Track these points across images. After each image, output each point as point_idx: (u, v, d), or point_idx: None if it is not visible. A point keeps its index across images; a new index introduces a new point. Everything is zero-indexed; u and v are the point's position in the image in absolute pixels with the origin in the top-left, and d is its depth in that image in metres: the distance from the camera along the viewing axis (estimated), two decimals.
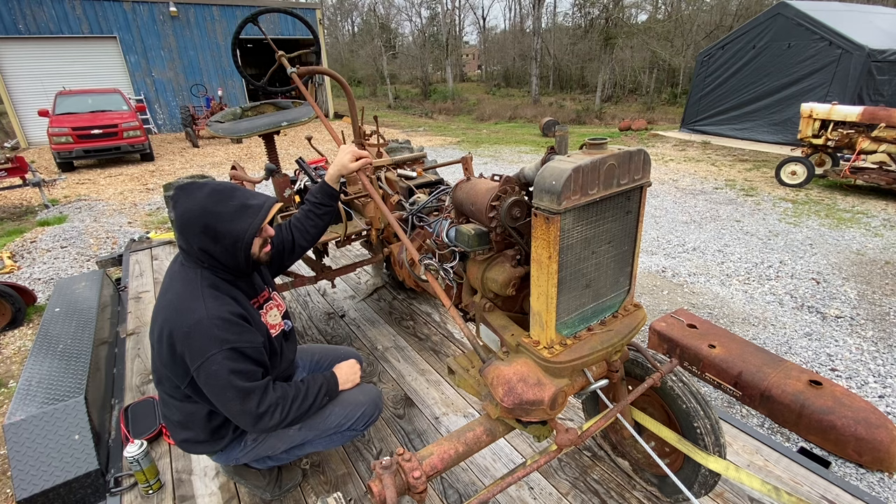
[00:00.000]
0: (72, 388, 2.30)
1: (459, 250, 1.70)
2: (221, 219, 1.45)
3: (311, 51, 3.01)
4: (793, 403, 2.62)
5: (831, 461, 2.47)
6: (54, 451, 2.00)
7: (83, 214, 7.29)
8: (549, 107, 23.47)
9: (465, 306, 1.81)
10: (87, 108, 10.93)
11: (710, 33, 22.87)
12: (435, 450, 1.41)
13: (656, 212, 6.92)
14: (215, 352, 1.36)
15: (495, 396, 1.37)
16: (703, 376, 3.06)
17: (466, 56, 48.96)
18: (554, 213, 1.19)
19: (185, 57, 16.41)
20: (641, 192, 1.40)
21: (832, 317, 3.97)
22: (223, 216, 1.45)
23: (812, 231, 5.96)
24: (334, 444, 1.78)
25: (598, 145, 1.27)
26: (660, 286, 4.62)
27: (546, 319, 1.34)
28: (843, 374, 3.26)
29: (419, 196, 2.28)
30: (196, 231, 1.44)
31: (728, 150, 11.09)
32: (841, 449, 2.48)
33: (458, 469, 2.09)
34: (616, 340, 1.45)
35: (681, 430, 1.68)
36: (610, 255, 1.43)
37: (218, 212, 1.45)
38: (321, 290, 3.93)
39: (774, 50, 10.76)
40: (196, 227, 1.43)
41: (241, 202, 1.50)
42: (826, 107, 7.38)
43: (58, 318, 3.01)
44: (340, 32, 43.85)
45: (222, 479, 2.07)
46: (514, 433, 2.24)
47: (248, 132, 2.72)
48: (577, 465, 2.10)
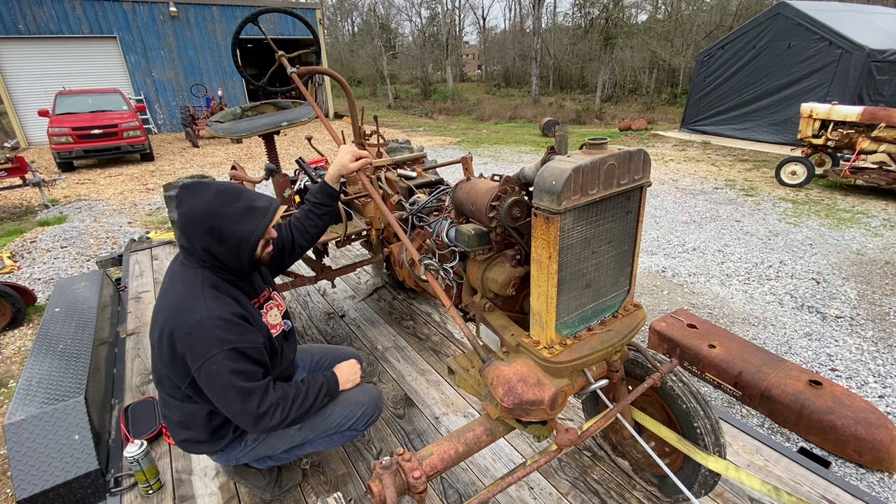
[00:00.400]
0: (72, 388, 2.30)
1: (459, 250, 1.70)
2: (227, 220, 1.45)
3: (311, 51, 3.01)
4: (793, 403, 2.62)
5: (831, 461, 2.47)
6: (54, 451, 2.00)
7: (83, 214, 7.29)
8: (549, 107, 23.47)
9: (465, 306, 1.81)
10: (87, 108, 10.93)
11: (710, 33, 22.88)
12: (435, 450, 1.41)
13: (656, 212, 6.91)
14: (216, 352, 1.36)
15: (495, 396, 1.37)
16: (703, 376, 3.05)
17: (466, 56, 48.96)
18: (554, 213, 1.19)
19: (185, 57, 16.41)
20: (641, 192, 1.40)
21: (832, 317, 3.97)
22: (229, 217, 1.45)
23: (812, 231, 5.96)
24: (335, 444, 1.78)
25: (598, 145, 1.27)
26: (660, 286, 4.62)
27: (546, 319, 1.34)
28: (843, 374, 3.26)
29: (419, 196, 2.28)
30: (201, 231, 1.43)
31: (728, 150, 11.09)
32: (841, 449, 2.48)
33: (458, 469, 2.09)
34: (616, 340, 1.45)
35: (681, 430, 1.68)
36: (610, 255, 1.43)
37: (224, 213, 1.44)
38: (321, 290, 3.92)
39: (774, 50, 10.76)
40: (201, 227, 1.43)
41: (248, 204, 1.49)
42: (826, 107, 7.37)
43: (58, 318, 3.01)
44: (340, 32, 43.86)
45: (222, 479, 2.07)
46: (514, 433, 2.24)
47: (248, 132, 2.72)
48: (577, 465, 2.10)
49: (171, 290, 1.49)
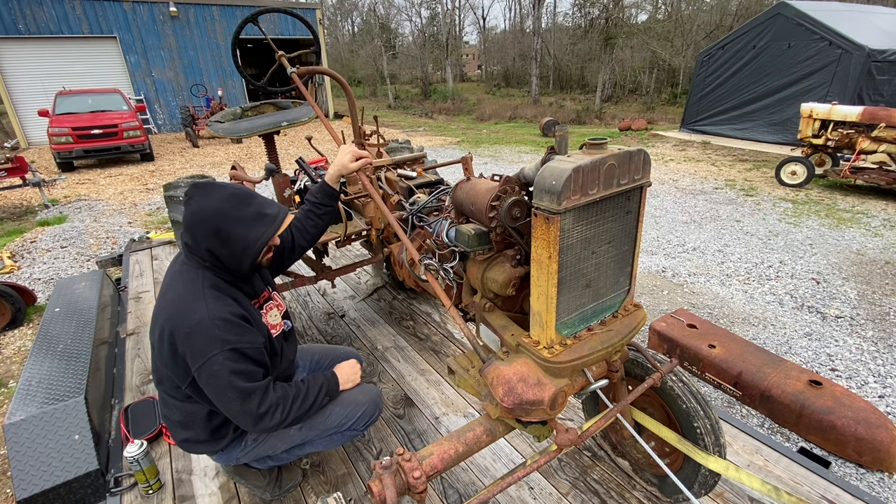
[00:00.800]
0: (72, 388, 2.30)
1: (459, 250, 1.70)
2: (236, 223, 1.45)
3: (311, 51, 3.01)
4: (793, 403, 2.62)
5: (831, 461, 2.47)
6: (54, 451, 2.00)
7: (83, 214, 7.29)
8: (549, 107, 23.48)
9: (465, 306, 1.81)
10: (87, 108, 10.93)
11: (710, 33, 22.88)
12: (435, 450, 1.41)
13: (656, 212, 6.92)
14: (216, 352, 1.36)
15: (495, 396, 1.37)
16: (703, 376, 3.05)
17: (466, 56, 48.96)
18: (554, 213, 1.19)
19: (185, 57, 16.41)
20: (641, 192, 1.40)
21: (832, 317, 3.97)
22: (239, 221, 1.45)
23: (812, 231, 5.96)
24: (335, 444, 1.78)
25: (598, 145, 1.27)
26: (660, 286, 4.62)
27: (546, 319, 1.34)
28: (843, 374, 3.26)
29: (419, 196, 2.28)
30: (207, 231, 1.43)
31: (728, 150, 11.10)
32: (841, 449, 2.48)
33: (458, 469, 2.09)
34: (616, 340, 1.45)
35: (681, 430, 1.68)
36: (610, 255, 1.43)
37: (234, 216, 1.45)
38: (321, 290, 3.93)
39: (774, 50, 10.76)
40: (207, 228, 1.43)
41: (258, 210, 1.50)
42: (826, 107, 7.38)
43: (58, 318, 3.01)
44: (340, 32, 43.86)
45: (222, 479, 2.07)
46: (514, 433, 2.24)
47: (248, 132, 2.72)
48: (577, 465, 2.10)
49: (172, 289, 1.49)
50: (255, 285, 1.67)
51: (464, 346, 3.03)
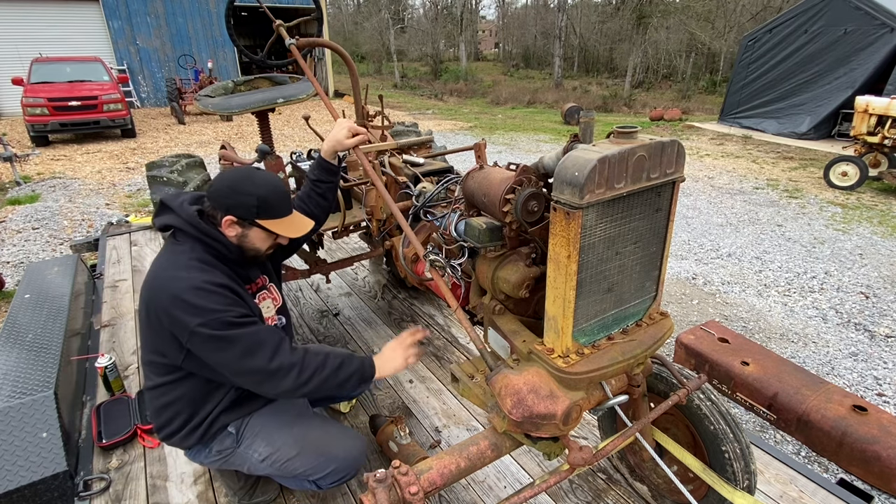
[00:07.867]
0: (40, 382, 2.33)
1: (469, 246, 1.71)
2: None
3: (312, 18, 3.00)
4: (833, 430, 2.60)
5: (874, 496, 2.45)
6: (20, 450, 2.02)
7: (57, 193, 7.37)
8: (572, 91, 23.39)
9: (473, 308, 1.81)
10: (65, 78, 11.03)
11: (756, 15, 22.63)
12: (434, 464, 1.41)
13: (688, 212, 6.88)
14: (205, 320, 1.41)
15: (503, 408, 1.37)
16: (733, 396, 3.04)
17: (482, 32, 48.81)
18: (575, 207, 1.19)
19: (174, 24, 16.49)
20: (673, 189, 1.39)
21: (881, 336, 3.93)
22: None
23: (863, 239, 5.90)
24: (297, 487, 1.82)
25: (627, 134, 1.26)
26: (689, 294, 4.60)
27: (562, 325, 1.34)
28: (892, 399, 3.23)
29: (426, 185, 2.28)
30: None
31: (771, 146, 11.00)
32: (885, 483, 2.46)
33: (458, 486, 2.10)
34: (639, 352, 1.44)
35: (707, 454, 1.67)
36: (636, 257, 1.43)
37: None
38: (314, 286, 3.95)
39: (829, 36, 10.63)
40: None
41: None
42: (885, 101, 7.29)
43: (27, 306, 3.05)
44: (344, 2, 43.93)
45: (200, 488, 2.09)
46: (521, 450, 2.24)
47: (241, 109, 2.73)
48: (590, 488, 2.10)
49: (155, 263, 1.56)
50: (249, 272, 1.72)
51: (469, 351, 3.03)
